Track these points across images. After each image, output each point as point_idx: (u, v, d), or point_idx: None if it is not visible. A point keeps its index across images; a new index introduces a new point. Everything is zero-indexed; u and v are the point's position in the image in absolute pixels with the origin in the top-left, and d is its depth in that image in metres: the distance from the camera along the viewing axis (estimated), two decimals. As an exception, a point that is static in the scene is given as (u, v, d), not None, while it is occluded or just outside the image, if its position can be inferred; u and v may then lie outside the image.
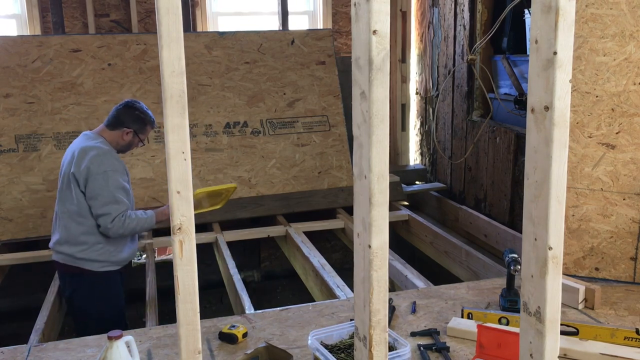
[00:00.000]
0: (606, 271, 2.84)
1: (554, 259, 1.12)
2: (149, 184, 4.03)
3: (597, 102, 2.76)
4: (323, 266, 3.32)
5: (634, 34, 2.67)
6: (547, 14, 1.06)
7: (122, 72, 4.19)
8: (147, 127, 3.04)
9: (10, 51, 4.02)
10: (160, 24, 1.03)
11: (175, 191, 1.10)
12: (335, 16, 5.18)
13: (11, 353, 2.25)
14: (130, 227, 2.87)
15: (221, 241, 3.81)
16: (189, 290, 1.15)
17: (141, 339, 2.30)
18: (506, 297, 2.48)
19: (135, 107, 3.00)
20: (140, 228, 2.93)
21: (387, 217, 1.14)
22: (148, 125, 3.04)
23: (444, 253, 3.87)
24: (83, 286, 2.92)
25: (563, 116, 1.08)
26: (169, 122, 1.08)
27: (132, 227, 2.88)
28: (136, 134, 2.99)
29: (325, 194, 4.37)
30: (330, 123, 4.52)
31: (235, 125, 4.32)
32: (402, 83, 5.25)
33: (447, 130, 4.74)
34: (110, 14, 4.72)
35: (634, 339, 2.16)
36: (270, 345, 2.10)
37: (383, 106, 1.09)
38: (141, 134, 3.02)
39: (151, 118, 3.04)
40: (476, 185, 4.34)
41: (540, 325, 1.14)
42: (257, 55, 4.49)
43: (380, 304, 1.16)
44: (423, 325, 2.39)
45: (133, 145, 3.04)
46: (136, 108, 2.99)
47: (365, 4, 1.06)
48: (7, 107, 3.93)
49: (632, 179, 2.76)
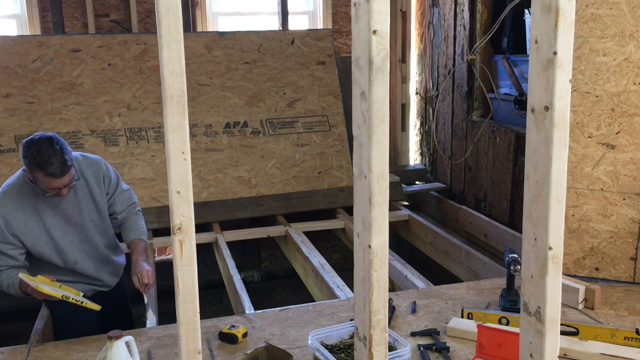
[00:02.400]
0: (606, 271, 2.84)
1: (554, 259, 1.12)
2: (149, 184, 4.03)
3: (597, 102, 2.76)
4: (323, 266, 3.31)
5: (634, 34, 2.67)
6: (547, 14, 1.06)
7: (122, 72, 4.19)
8: (34, 172, 2.25)
9: (10, 51, 4.01)
10: (160, 24, 1.03)
11: (175, 191, 1.10)
12: (335, 16, 5.18)
13: (11, 353, 2.25)
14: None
15: (221, 241, 3.81)
16: (189, 290, 1.15)
17: (141, 339, 2.30)
18: (506, 297, 2.48)
19: (26, 145, 2.26)
20: (3, 290, 2.44)
21: (387, 217, 1.14)
22: (35, 170, 2.24)
23: (444, 253, 3.87)
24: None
25: (563, 116, 1.07)
26: (169, 122, 1.08)
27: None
28: (32, 179, 2.31)
29: (325, 194, 4.37)
30: (330, 123, 4.52)
31: (235, 125, 4.32)
32: (402, 83, 5.25)
33: (447, 130, 4.74)
34: (110, 14, 4.72)
35: (634, 339, 2.16)
36: (270, 345, 2.10)
37: (383, 106, 1.09)
38: (34, 179, 2.29)
39: (37, 160, 2.22)
40: (476, 185, 4.34)
41: (540, 325, 1.14)
42: (257, 55, 4.49)
43: (380, 304, 1.16)
44: (423, 325, 2.39)
45: (44, 191, 2.32)
46: (26, 146, 2.25)
47: (365, 4, 1.06)
48: (7, 107, 3.93)
49: (632, 179, 2.76)
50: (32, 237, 2.41)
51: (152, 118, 4.16)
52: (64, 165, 2.27)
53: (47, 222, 2.43)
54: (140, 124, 4.13)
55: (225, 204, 4.13)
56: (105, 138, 4.02)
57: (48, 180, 2.27)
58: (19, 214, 2.38)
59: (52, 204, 2.44)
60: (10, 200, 2.37)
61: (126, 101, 4.15)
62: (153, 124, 4.15)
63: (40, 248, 2.43)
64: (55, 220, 2.45)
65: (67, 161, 2.27)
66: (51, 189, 2.31)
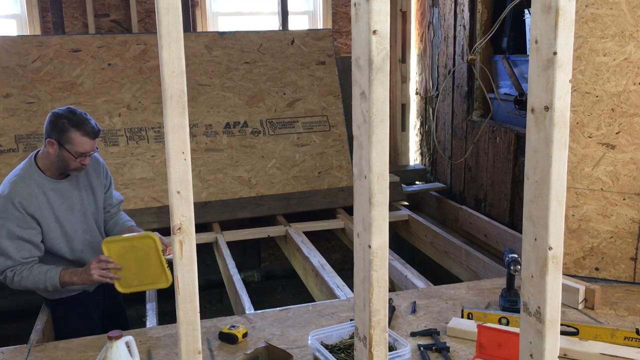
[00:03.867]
0: (606, 271, 2.84)
1: (554, 259, 1.12)
2: (149, 184, 4.03)
3: (597, 102, 2.76)
4: (323, 266, 3.32)
5: (634, 34, 2.67)
6: (547, 14, 1.06)
7: (122, 72, 4.19)
8: (70, 132, 2.32)
9: (10, 51, 4.02)
10: (160, 23, 1.03)
11: (175, 191, 1.10)
12: (335, 16, 5.18)
13: (11, 353, 2.25)
14: (25, 285, 2.40)
15: (221, 241, 3.81)
16: (189, 290, 1.15)
17: (141, 339, 2.30)
18: (506, 297, 2.48)
19: (57, 112, 2.37)
20: (39, 288, 2.47)
21: (387, 217, 1.14)
22: (71, 131, 2.32)
23: (444, 253, 3.87)
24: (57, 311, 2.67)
25: (563, 116, 1.08)
26: (169, 122, 1.08)
27: (27, 285, 2.41)
28: (61, 145, 2.35)
29: (325, 194, 4.37)
30: (330, 123, 4.52)
31: (235, 125, 4.32)
32: (402, 83, 5.25)
33: (447, 130, 4.74)
34: (110, 14, 4.72)
35: (634, 339, 2.16)
36: (270, 345, 2.10)
37: (383, 106, 1.09)
38: (66, 143, 2.34)
39: (75, 120, 2.34)
40: (476, 185, 4.34)
41: (540, 325, 1.14)
42: (257, 55, 4.49)
43: (380, 304, 1.16)
44: (423, 325, 2.39)
45: (68, 161, 2.38)
46: (58, 113, 2.37)
47: (365, 4, 1.05)
48: (7, 107, 3.93)
49: (632, 179, 2.76)
50: (46, 223, 2.45)
51: (152, 118, 4.16)
52: (97, 127, 2.41)
53: (55, 210, 2.48)
54: (140, 124, 4.13)
55: (225, 204, 4.13)
56: (105, 138, 4.02)
57: (84, 142, 2.35)
58: (34, 200, 2.42)
59: (58, 192, 2.49)
60: (24, 187, 2.41)
61: (126, 101, 4.15)
62: (153, 124, 4.15)
63: (52, 235, 2.47)
64: (62, 209, 2.50)
65: (97, 125, 2.42)
66: (81, 154, 2.38)
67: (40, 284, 2.40)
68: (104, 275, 2.38)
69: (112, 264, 2.38)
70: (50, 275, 2.40)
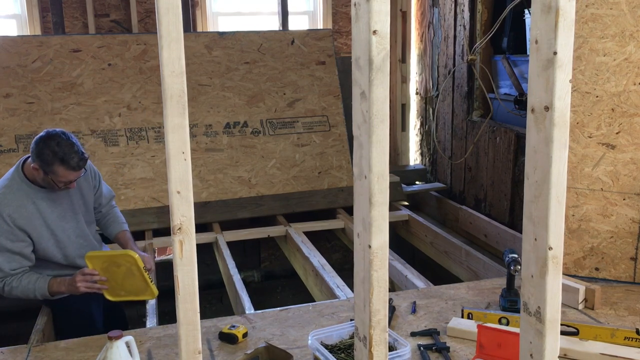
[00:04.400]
0: (606, 271, 2.84)
1: (554, 259, 1.12)
2: (149, 184, 4.03)
3: (597, 102, 2.76)
4: (323, 266, 3.31)
5: (634, 34, 2.67)
6: (547, 14, 1.06)
7: (122, 72, 4.19)
8: (55, 166, 2.30)
9: (10, 51, 4.01)
10: (160, 23, 1.03)
11: (175, 191, 1.10)
12: (335, 16, 5.18)
13: (11, 353, 2.25)
14: (15, 294, 2.41)
15: (221, 241, 3.81)
16: (189, 290, 1.15)
17: (141, 339, 2.30)
18: (506, 297, 2.48)
19: (44, 139, 2.31)
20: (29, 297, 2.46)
21: (387, 217, 1.14)
22: (56, 164, 2.30)
23: (444, 253, 3.87)
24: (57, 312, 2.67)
25: (563, 116, 1.07)
26: (169, 122, 1.08)
27: (17, 295, 2.42)
28: (46, 174, 2.35)
29: (325, 194, 4.37)
30: (330, 123, 4.52)
31: (235, 125, 4.32)
32: (402, 83, 5.25)
33: (447, 130, 4.74)
34: (110, 14, 4.72)
35: (634, 339, 2.16)
36: (270, 345, 2.10)
37: (383, 106, 1.09)
38: (51, 174, 2.33)
39: (60, 154, 2.29)
40: (476, 185, 4.34)
41: (540, 325, 1.14)
42: (257, 55, 4.49)
43: (380, 304, 1.16)
44: (423, 325, 2.39)
45: (53, 185, 2.39)
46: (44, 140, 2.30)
47: (365, 4, 1.05)
48: (7, 107, 3.93)
49: (632, 179, 2.76)
50: (37, 233, 2.45)
51: (152, 118, 4.16)
52: (82, 158, 2.37)
53: (47, 218, 2.47)
54: (140, 124, 4.13)
55: (225, 204, 4.13)
56: (105, 138, 4.02)
57: (67, 174, 2.35)
58: (23, 211, 2.41)
59: (48, 200, 2.48)
60: (12, 199, 2.40)
61: (126, 101, 4.15)
62: (153, 124, 4.15)
63: (45, 244, 2.47)
64: (53, 216, 2.49)
65: (84, 154, 2.38)
66: (65, 182, 2.39)
67: (30, 293, 2.42)
68: (90, 287, 2.40)
69: (98, 276, 2.39)
70: (40, 285, 2.42)
